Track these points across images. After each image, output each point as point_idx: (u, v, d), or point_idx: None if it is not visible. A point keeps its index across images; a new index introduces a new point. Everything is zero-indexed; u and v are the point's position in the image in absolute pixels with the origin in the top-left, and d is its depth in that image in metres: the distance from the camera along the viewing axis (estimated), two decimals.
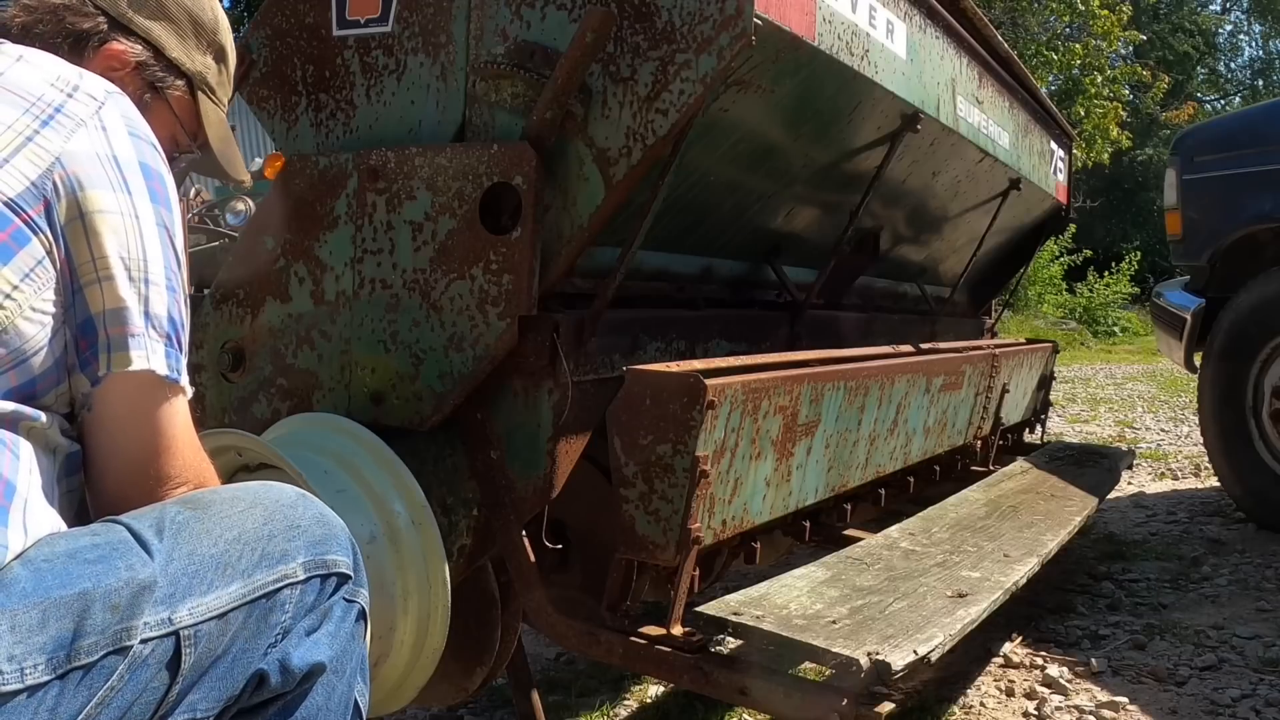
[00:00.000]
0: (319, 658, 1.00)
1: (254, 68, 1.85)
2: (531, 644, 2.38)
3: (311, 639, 1.00)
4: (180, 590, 0.91)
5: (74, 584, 0.85)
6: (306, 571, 1.00)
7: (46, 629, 0.83)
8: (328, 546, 1.03)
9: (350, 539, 1.07)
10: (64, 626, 0.84)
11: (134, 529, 0.93)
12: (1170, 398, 8.46)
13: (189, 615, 0.91)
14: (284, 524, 1.01)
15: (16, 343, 0.94)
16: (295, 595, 0.99)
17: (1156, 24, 25.04)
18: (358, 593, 1.06)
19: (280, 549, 0.99)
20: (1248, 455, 3.82)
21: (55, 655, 0.83)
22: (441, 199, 1.62)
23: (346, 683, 1.05)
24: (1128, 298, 17.48)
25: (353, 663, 1.06)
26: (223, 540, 0.96)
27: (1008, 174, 3.08)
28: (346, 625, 1.04)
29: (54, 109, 1.00)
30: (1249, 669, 2.46)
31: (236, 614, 0.94)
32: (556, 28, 1.58)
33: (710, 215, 2.05)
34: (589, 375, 1.70)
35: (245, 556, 0.96)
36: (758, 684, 1.53)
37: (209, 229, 4.85)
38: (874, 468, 2.34)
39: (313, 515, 1.04)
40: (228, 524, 0.97)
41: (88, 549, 0.89)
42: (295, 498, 1.05)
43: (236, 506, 1.00)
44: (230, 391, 1.83)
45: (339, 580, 1.04)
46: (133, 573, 0.89)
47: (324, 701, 1.02)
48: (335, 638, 1.03)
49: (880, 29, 1.96)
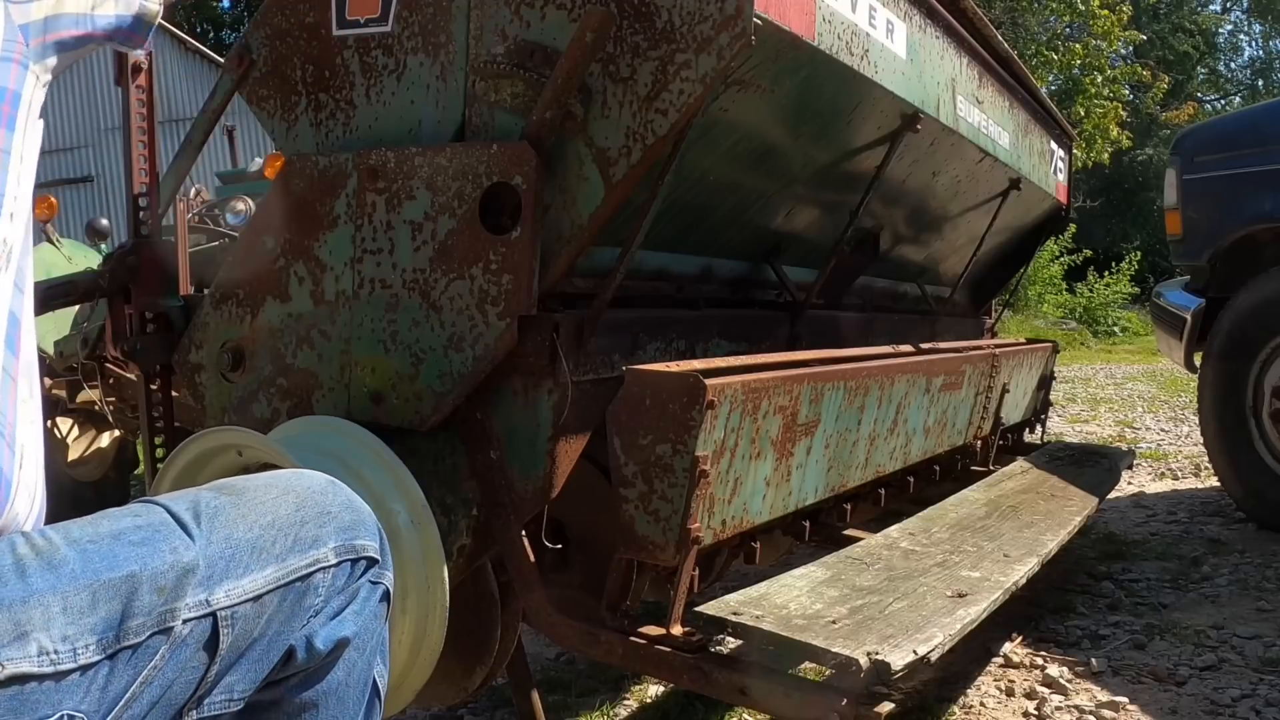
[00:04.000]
0: (344, 633, 1.03)
1: (254, 67, 1.85)
2: (531, 644, 2.38)
3: (338, 618, 1.03)
4: (217, 573, 0.93)
5: (121, 566, 0.87)
6: (338, 556, 1.03)
7: (97, 610, 0.85)
8: (357, 532, 1.06)
9: (377, 524, 1.10)
10: (113, 608, 0.86)
11: (173, 511, 0.95)
12: (1170, 398, 8.46)
13: (226, 597, 0.93)
14: (315, 510, 1.03)
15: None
16: (327, 579, 1.02)
17: (1156, 24, 25.04)
18: (383, 575, 1.09)
19: (312, 534, 1.01)
20: (1248, 455, 3.82)
21: (105, 635, 0.85)
22: (441, 199, 1.61)
23: (367, 660, 1.07)
24: (1128, 298, 17.48)
25: (374, 641, 1.08)
26: (257, 525, 0.98)
27: (1008, 174, 3.08)
28: (371, 604, 1.07)
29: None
30: (1249, 669, 2.46)
31: (271, 597, 0.96)
32: (556, 28, 1.58)
33: (710, 215, 2.05)
34: (589, 375, 1.69)
35: (279, 541, 0.98)
36: (757, 684, 1.54)
37: (209, 229, 4.85)
38: (874, 468, 2.34)
39: (342, 502, 1.06)
40: (262, 510, 0.99)
41: (131, 530, 0.91)
42: (325, 485, 1.07)
43: (270, 493, 1.02)
44: (230, 391, 1.83)
45: (367, 564, 1.07)
46: (177, 555, 0.91)
47: (345, 677, 1.05)
48: (360, 615, 1.05)
49: (880, 29, 1.96)
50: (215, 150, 11.25)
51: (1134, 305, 17.46)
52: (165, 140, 2.11)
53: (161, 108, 2.15)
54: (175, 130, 10.54)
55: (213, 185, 7.53)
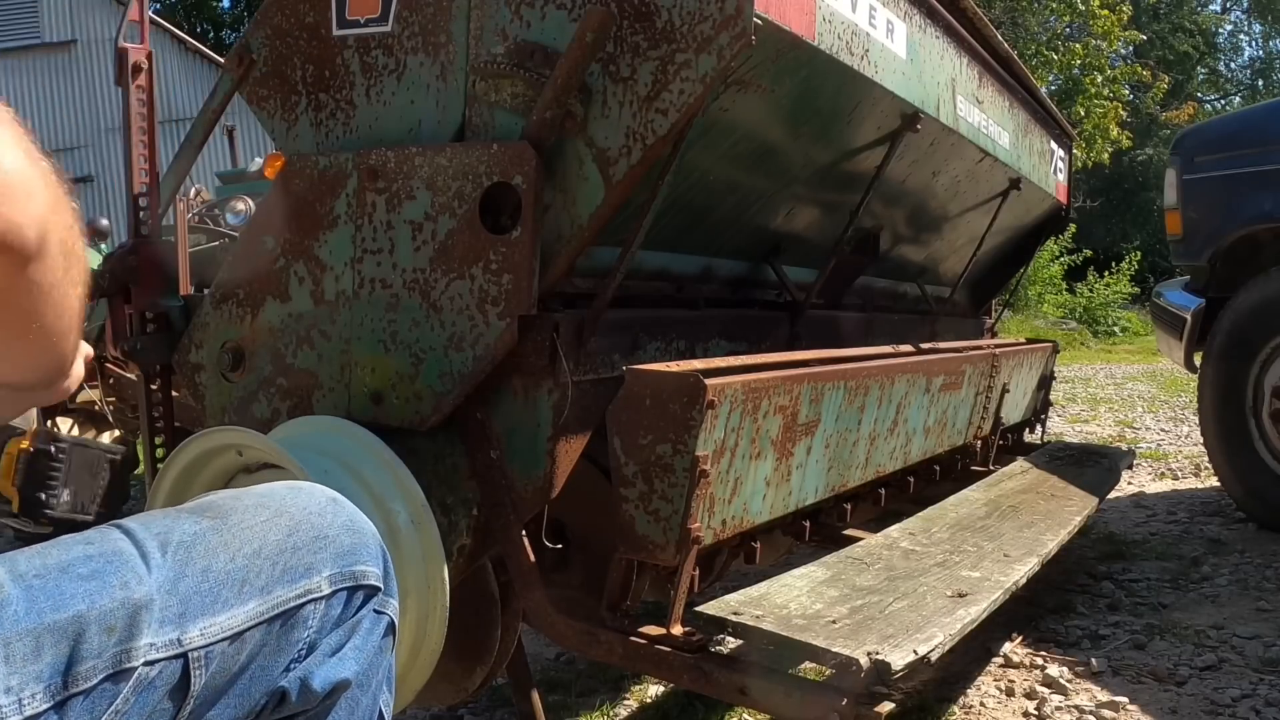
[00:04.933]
0: (344, 674, 0.95)
1: (254, 67, 1.85)
2: (531, 644, 2.38)
3: (337, 656, 0.95)
4: (192, 610, 0.86)
5: (67, 605, 0.81)
6: (332, 585, 0.95)
7: (41, 656, 0.79)
8: (357, 556, 0.98)
9: (381, 546, 1.02)
10: (59, 652, 0.80)
11: (136, 537, 0.88)
12: (1170, 398, 8.46)
13: (200, 636, 0.86)
14: (310, 535, 0.95)
15: None
16: (320, 610, 0.94)
17: (1156, 24, 25.05)
18: (387, 603, 1.01)
19: (305, 562, 0.93)
20: (1248, 455, 3.82)
21: (52, 683, 0.79)
22: (441, 199, 1.61)
23: (371, 696, 1.00)
24: (1128, 298, 17.48)
25: (379, 675, 1.01)
26: (241, 555, 0.90)
27: (1008, 174, 3.08)
28: (374, 639, 0.99)
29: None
30: (1249, 669, 2.46)
31: (253, 633, 0.89)
32: (556, 27, 1.58)
33: (710, 215, 2.05)
34: (589, 375, 1.70)
35: (265, 572, 0.91)
36: (758, 684, 1.54)
37: (209, 229, 4.84)
38: (874, 467, 2.34)
39: (342, 523, 0.98)
40: (247, 536, 0.92)
41: (80, 561, 0.84)
42: (324, 504, 0.99)
43: (260, 516, 0.94)
44: (230, 391, 1.83)
45: (368, 593, 0.99)
46: (127, 591, 0.83)
47: (347, 717, 0.98)
48: (362, 652, 0.98)
49: (880, 29, 1.96)
50: (215, 150, 11.26)
51: (1134, 305, 17.46)
52: (165, 140, 2.11)
53: (161, 108, 2.14)
54: (175, 130, 10.53)
55: (213, 185, 7.53)
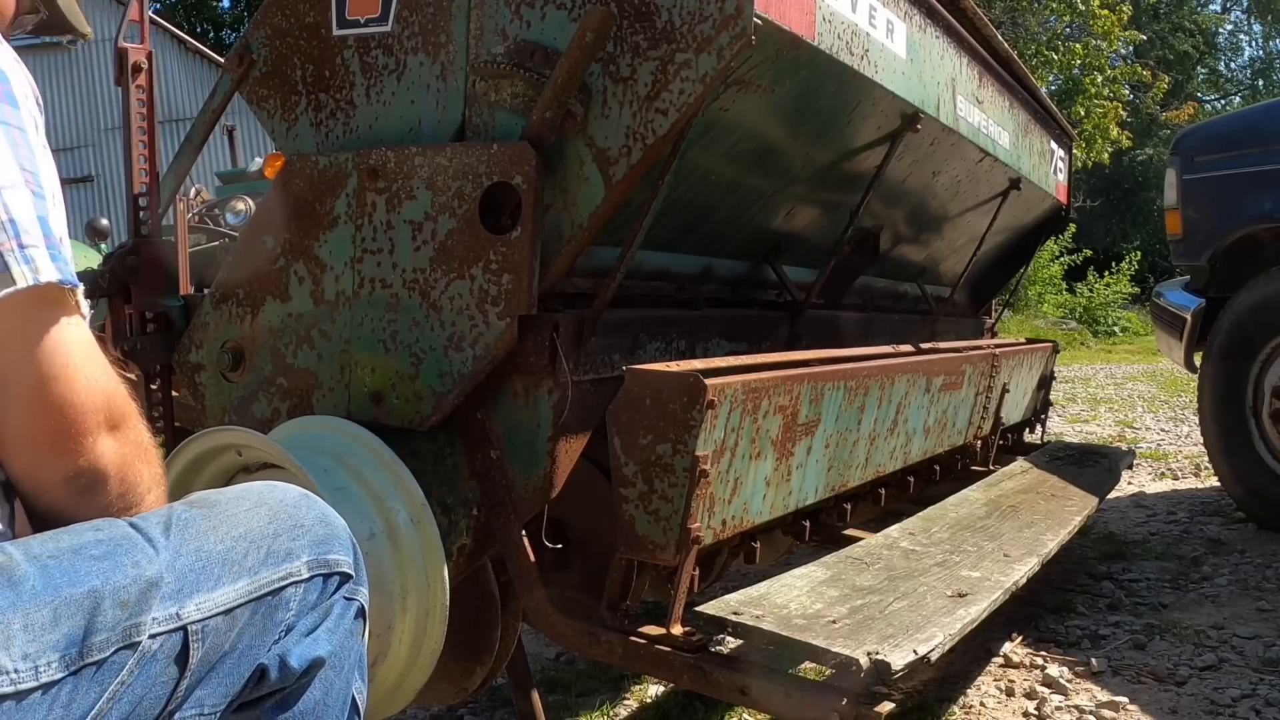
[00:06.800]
0: (318, 653, 1.02)
1: (254, 67, 1.85)
2: (531, 644, 2.38)
3: (311, 636, 1.02)
4: (188, 586, 0.92)
5: (83, 581, 0.86)
6: (310, 570, 1.02)
7: (59, 627, 0.84)
8: (330, 546, 1.04)
9: (351, 539, 1.08)
10: (75, 624, 0.85)
11: (138, 525, 0.94)
12: (1170, 398, 8.46)
13: (197, 610, 0.92)
14: (288, 523, 1.02)
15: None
16: (299, 593, 1.00)
17: (1156, 24, 25.04)
18: (357, 591, 1.08)
19: (285, 548, 1.00)
20: (1248, 455, 3.82)
21: (68, 652, 0.84)
22: (441, 199, 1.61)
23: (345, 679, 1.06)
24: (1128, 298, 17.47)
25: (351, 659, 1.07)
26: (229, 538, 0.96)
27: (1008, 174, 3.08)
28: (345, 622, 1.06)
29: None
30: (1249, 669, 2.46)
31: (243, 610, 0.95)
32: (556, 27, 1.58)
33: (710, 215, 2.05)
34: (589, 375, 1.70)
35: (251, 554, 0.97)
36: (758, 683, 1.53)
37: (209, 229, 4.85)
38: (874, 467, 2.34)
39: (315, 515, 1.05)
40: (234, 522, 0.98)
41: (92, 544, 0.89)
42: (299, 498, 1.06)
43: (242, 505, 1.01)
44: (230, 391, 1.83)
45: (340, 579, 1.05)
46: (139, 569, 0.89)
47: (322, 696, 1.03)
48: (334, 634, 1.04)
49: (880, 28, 1.96)
50: (215, 150, 11.28)
51: (1134, 305, 17.45)
52: (165, 140, 2.11)
53: (161, 108, 2.14)
54: (175, 130, 10.56)
55: (213, 185, 7.54)
